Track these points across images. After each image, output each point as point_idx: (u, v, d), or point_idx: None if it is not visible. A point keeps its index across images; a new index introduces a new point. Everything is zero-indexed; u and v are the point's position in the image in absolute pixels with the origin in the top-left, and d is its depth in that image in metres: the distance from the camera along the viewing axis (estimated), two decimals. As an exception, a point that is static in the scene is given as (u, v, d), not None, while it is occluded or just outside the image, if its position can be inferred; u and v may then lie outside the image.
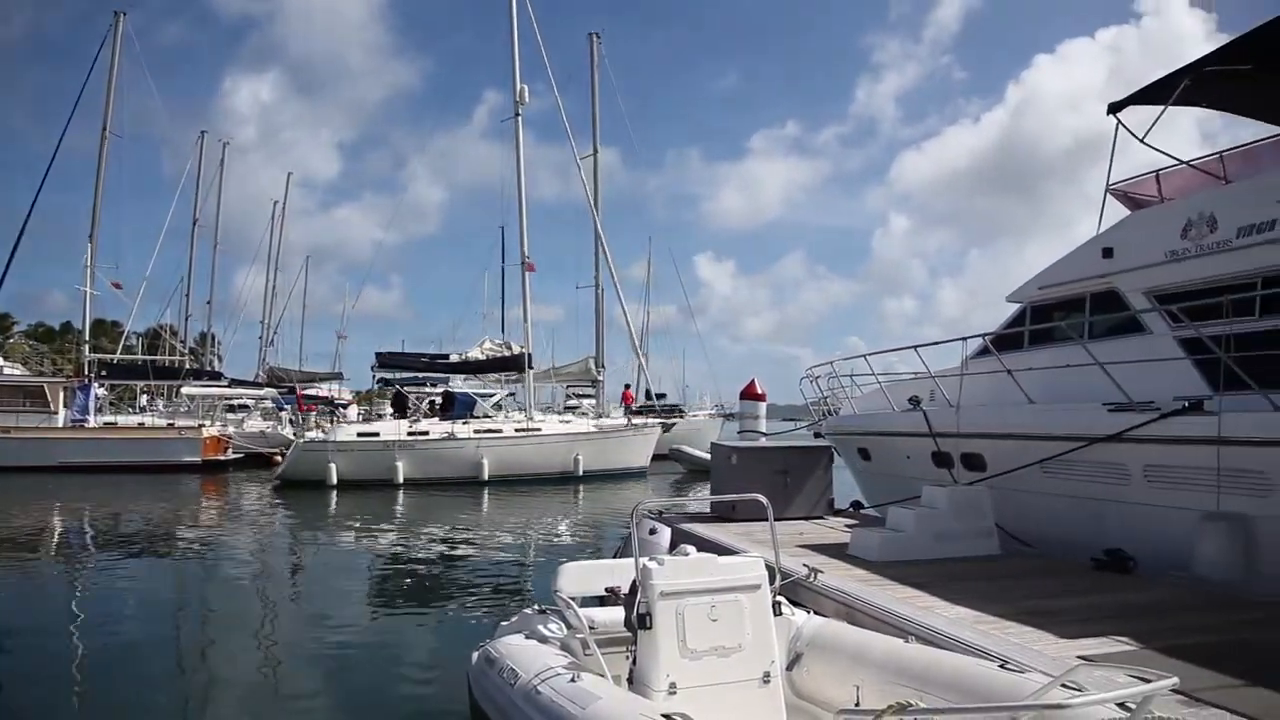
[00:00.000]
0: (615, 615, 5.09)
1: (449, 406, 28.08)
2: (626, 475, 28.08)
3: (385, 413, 29.06)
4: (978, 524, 8.40)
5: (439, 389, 30.06)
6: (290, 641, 9.19)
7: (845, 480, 13.02)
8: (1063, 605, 6.19)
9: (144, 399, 40.56)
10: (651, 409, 44.10)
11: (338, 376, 37.88)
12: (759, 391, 13.65)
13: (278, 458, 28.72)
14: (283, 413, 29.94)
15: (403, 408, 28.25)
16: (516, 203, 29.89)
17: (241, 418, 37.52)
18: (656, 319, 58.01)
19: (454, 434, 26.14)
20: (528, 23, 29.65)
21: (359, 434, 25.94)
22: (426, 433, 26.14)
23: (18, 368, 35.50)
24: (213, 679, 7.93)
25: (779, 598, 4.99)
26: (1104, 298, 9.28)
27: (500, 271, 56.03)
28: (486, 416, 28.35)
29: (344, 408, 30.82)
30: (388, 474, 24.88)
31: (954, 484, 9.36)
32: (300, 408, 29.43)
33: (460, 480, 25.43)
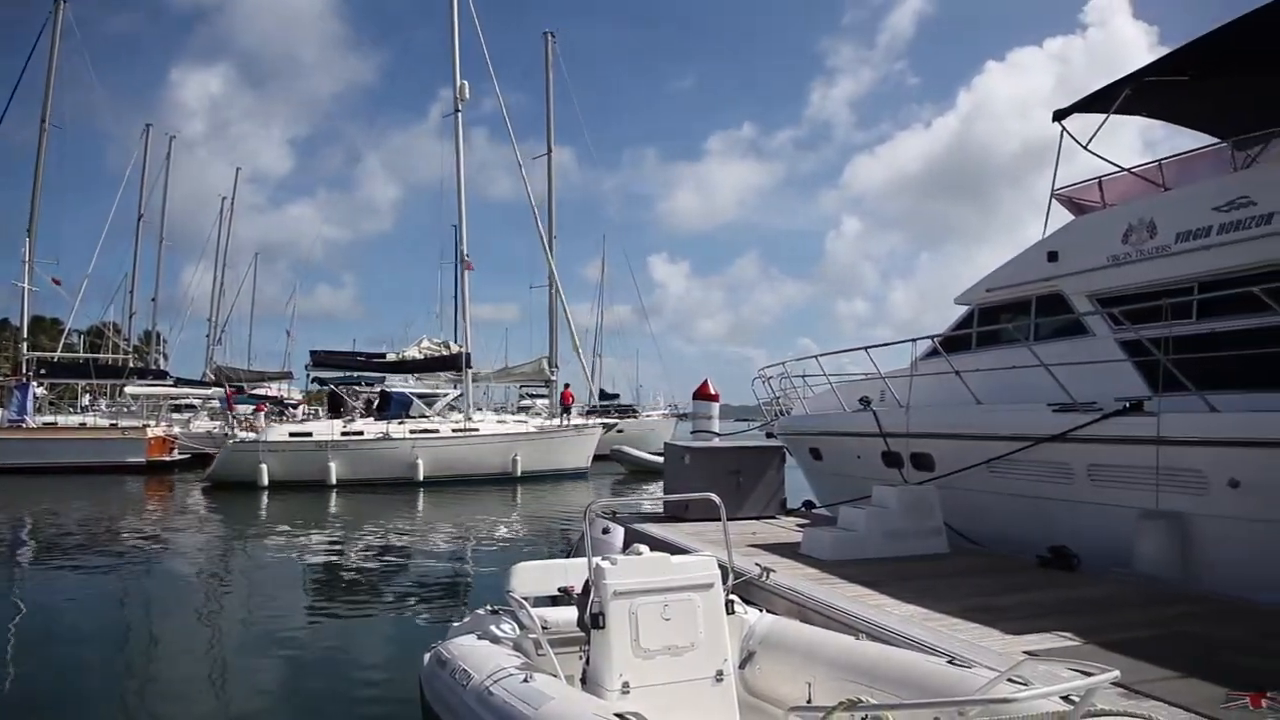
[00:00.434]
0: (568, 615, 5.07)
1: (385, 406, 27.63)
2: (567, 476, 27.83)
3: (356, 411, 28.50)
4: (927, 523, 8.52)
5: (378, 389, 29.59)
6: (234, 648, 8.96)
7: (797, 480, 13.11)
8: (1009, 602, 6.31)
9: (86, 399, 39.52)
10: (605, 409, 44.18)
11: (287, 376, 37.32)
12: (712, 392, 13.70)
13: None
14: (229, 412, 29.29)
15: (338, 407, 27.72)
16: (457, 200, 29.61)
17: (188, 418, 36.70)
18: (611, 319, 58.12)
19: (389, 434, 25.71)
20: (469, 19, 29.30)
21: (291, 434, 25.46)
22: (361, 433, 25.68)
23: (-50, 366, 34.42)
24: (154, 690, 7.60)
25: (732, 596, 5.01)
26: (1049, 300, 9.48)
27: (453, 270, 55.66)
28: (423, 417, 27.93)
29: (293, 407, 30.30)
30: (320, 475, 24.39)
31: (904, 483, 9.49)
32: (230, 407, 28.69)
33: (395, 481, 25.00)
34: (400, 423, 26.46)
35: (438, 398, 33.10)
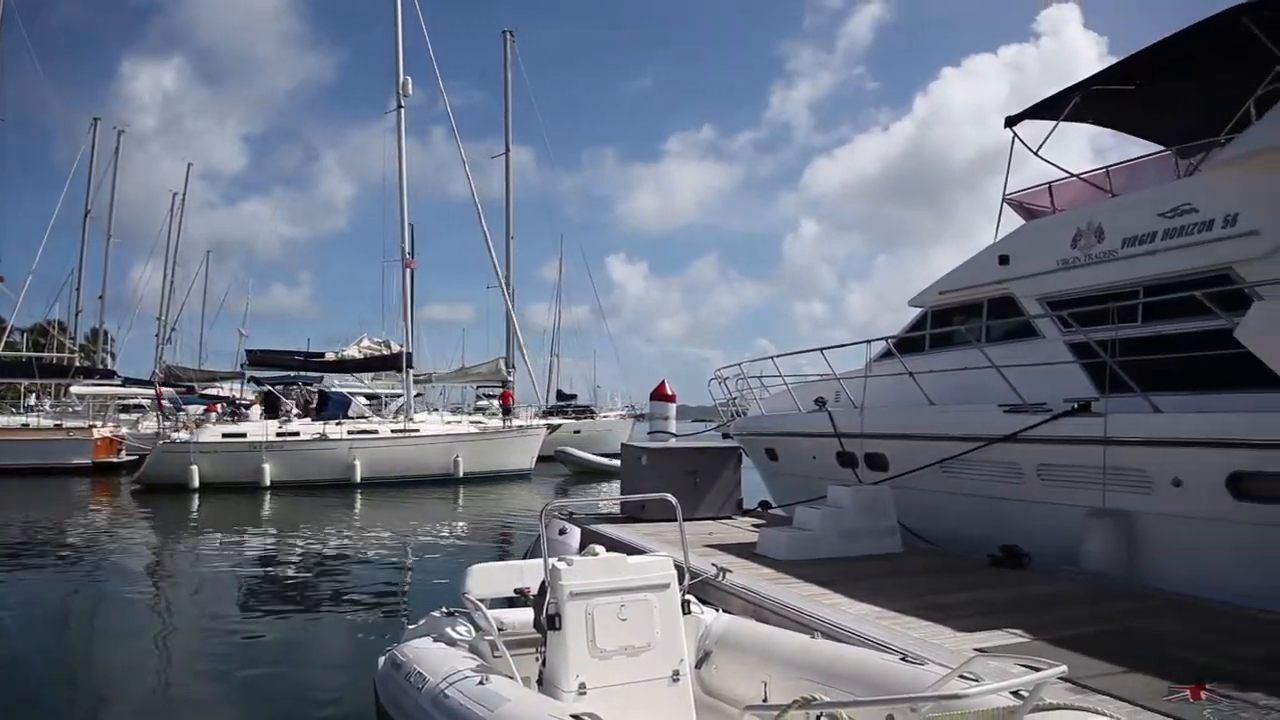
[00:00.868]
0: (524, 616, 5.03)
1: (323, 406, 27.21)
2: (510, 477, 27.58)
3: (291, 411, 28.00)
4: (881, 522, 8.62)
5: (330, 388, 29.11)
6: (183, 654, 8.75)
7: (754, 480, 13.19)
8: (961, 600, 6.41)
9: (30, 399, 38.40)
10: (563, 410, 44.09)
11: (239, 376, 36.53)
12: (669, 393, 13.73)
13: None
14: (181, 413, 28.62)
15: (274, 408, 27.13)
16: (399, 197, 29.19)
17: (136, 418, 35.81)
18: (569, 319, 58.02)
19: (326, 435, 25.28)
20: (414, 15, 28.94)
21: (224, 435, 24.86)
22: (297, 433, 25.21)
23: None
24: (101, 700, 7.39)
25: (688, 596, 5.01)
26: (1000, 303, 9.64)
27: (409, 270, 55.04)
28: (362, 417, 27.53)
29: (245, 407, 29.66)
30: (254, 476, 23.91)
31: (858, 484, 9.58)
32: (159, 406, 28.00)
33: (332, 483, 24.54)
34: (338, 423, 25.97)
35: (393, 398, 32.74)
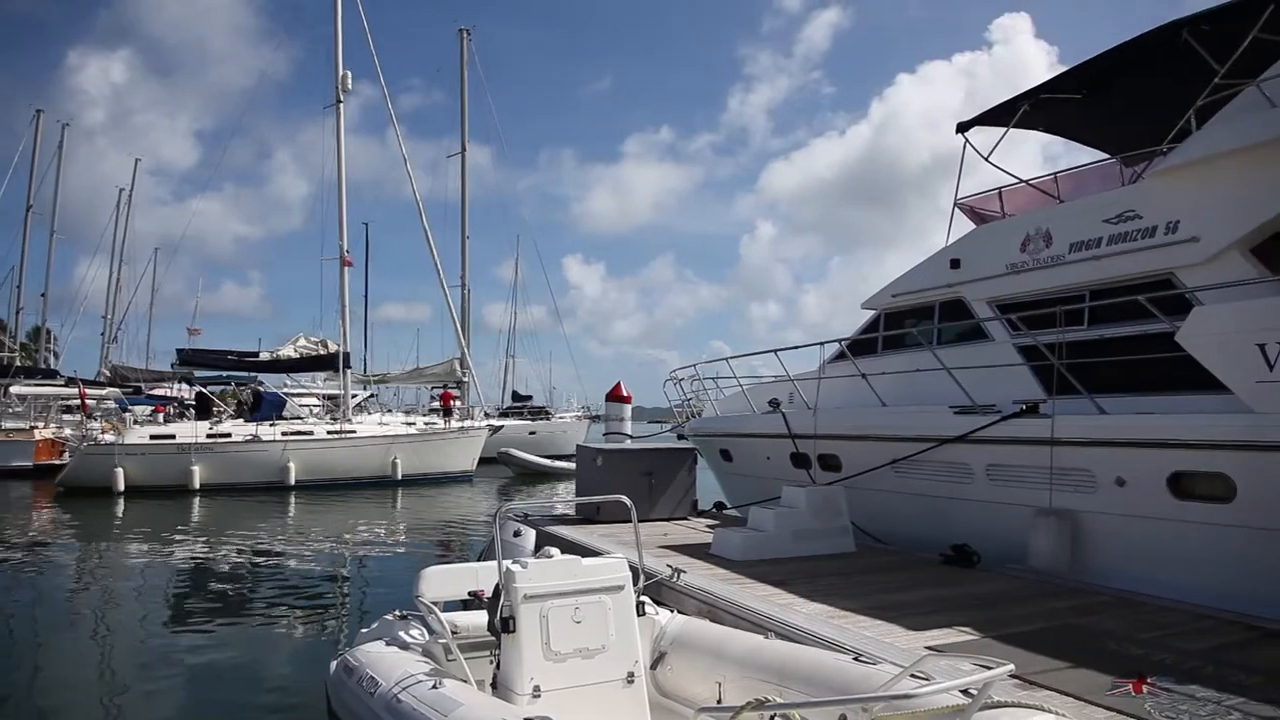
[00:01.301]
0: (479, 619, 5.00)
1: (257, 406, 26.57)
2: (450, 480, 27.22)
3: (223, 412, 27.24)
4: (834, 523, 8.70)
5: (265, 388, 28.38)
6: (117, 669, 8.32)
7: (708, 481, 13.23)
8: (913, 598, 6.49)
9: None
10: (518, 411, 43.85)
11: (188, 376, 35.69)
12: (625, 394, 13.72)
13: None
14: (127, 414, 27.86)
15: (206, 408, 26.47)
16: (338, 194, 28.57)
17: (80, 419, 34.89)
18: (525, 320, 57.76)
19: (258, 436, 24.66)
20: (354, 9, 28.35)
21: (151, 436, 24.13)
22: (228, 435, 24.59)
23: None
24: (42, 712, 7.10)
25: (643, 598, 5.02)
26: (951, 306, 9.79)
27: (363, 269, 54.23)
28: (297, 418, 26.98)
29: (193, 408, 28.97)
30: (183, 479, 23.21)
31: (812, 484, 9.66)
32: (83, 406, 27.21)
33: (264, 485, 23.98)
34: (272, 424, 25.37)
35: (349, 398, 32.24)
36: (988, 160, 10.19)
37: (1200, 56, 7.67)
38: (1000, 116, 9.99)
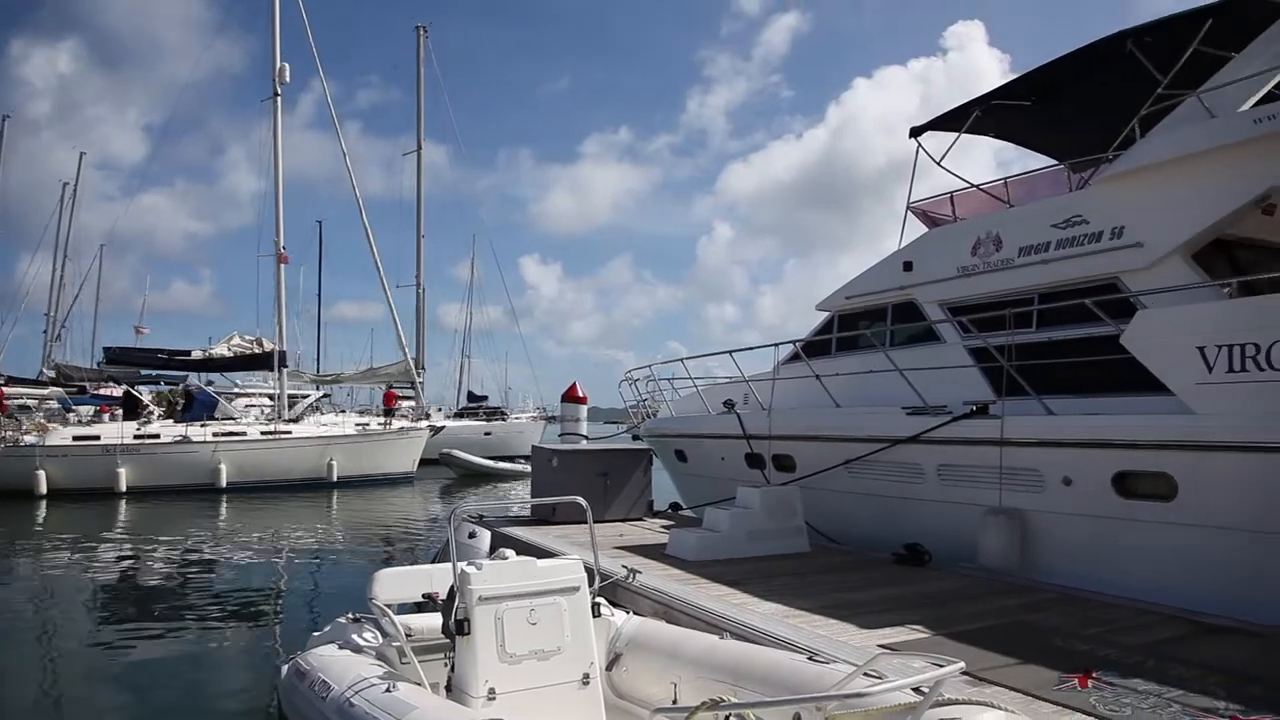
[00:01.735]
0: (433, 622, 4.96)
1: (188, 406, 25.96)
2: (390, 481, 26.77)
3: (152, 413, 26.50)
4: (789, 523, 8.76)
5: (196, 387, 27.75)
6: (62, 675, 8.10)
7: (664, 482, 13.24)
8: (866, 598, 6.56)
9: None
10: (474, 411, 43.55)
11: (134, 375, 34.87)
12: (580, 394, 13.70)
13: None
14: (70, 414, 27.06)
15: (133, 409, 25.74)
16: (274, 189, 27.86)
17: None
18: (481, 320, 57.22)
19: (188, 437, 23.99)
20: (295, 4, 27.75)
21: (75, 438, 23.40)
22: (157, 436, 23.89)
23: None
24: None
25: (598, 599, 5.01)
26: (904, 308, 9.92)
27: (317, 267, 53.43)
28: (230, 418, 26.35)
29: (143, 408, 28.25)
30: (108, 482, 22.48)
31: (767, 484, 9.72)
32: (2, 408, 26.31)
33: (194, 488, 23.29)
34: (203, 425, 24.71)
35: (296, 399, 31.69)
36: (939, 165, 10.35)
37: (1144, 67, 7.87)
38: (952, 122, 10.15)
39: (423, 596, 5.37)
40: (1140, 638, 5.37)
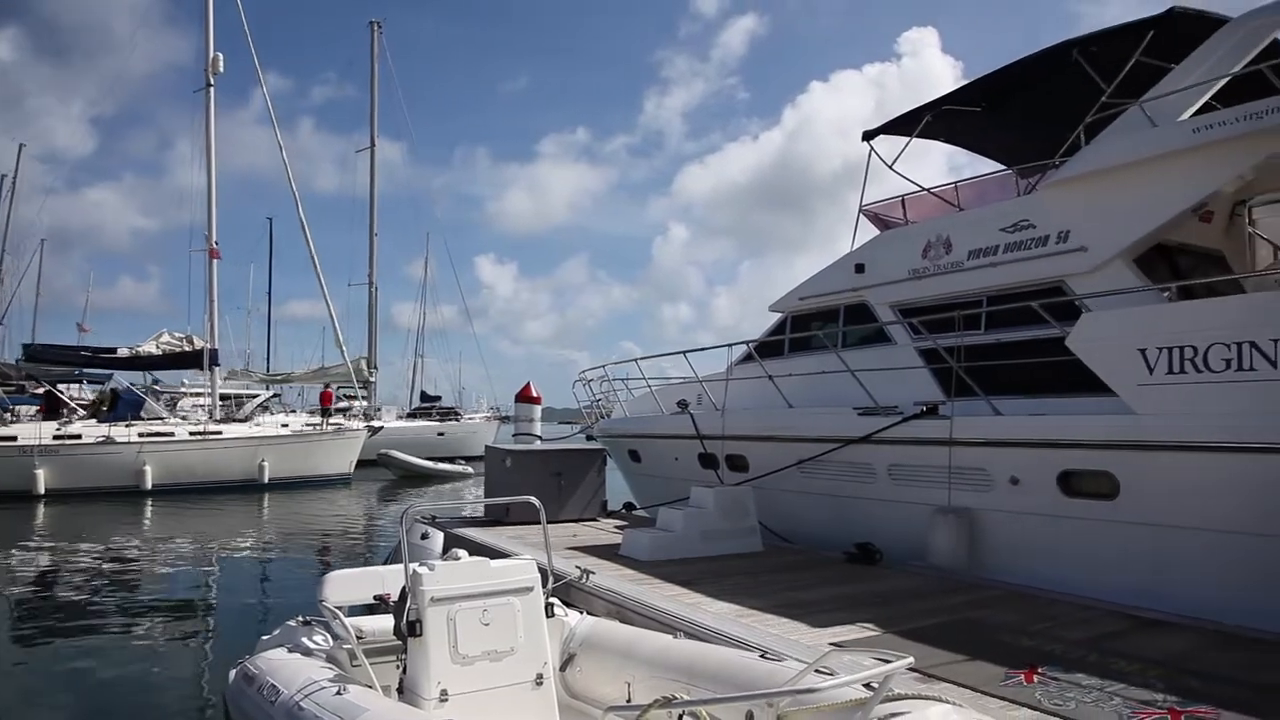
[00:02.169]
0: (385, 624, 4.90)
1: (113, 406, 25.18)
2: (326, 482, 26.19)
3: (74, 413, 25.62)
4: (742, 522, 8.81)
5: (122, 386, 27.02)
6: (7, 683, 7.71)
7: (618, 482, 13.23)
8: (818, 596, 6.63)
9: None
10: (427, 411, 43.14)
11: (75, 375, 33.83)
12: (535, 394, 13.65)
13: None
14: (6, 413, 26.14)
15: (55, 408, 24.95)
16: (206, 183, 27.09)
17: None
18: (434, 320, 56.68)
19: (111, 438, 23.18)
20: None
21: None
22: (78, 436, 23.07)
23: None
24: None
25: (552, 599, 4.99)
26: (856, 310, 10.02)
27: (267, 265, 52.50)
28: (157, 418, 25.47)
29: (84, 406, 27.44)
30: (26, 484, 21.64)
31: (720, 484, 9.77)
32: None
33: (118, 490, 22.56)
34: (128, 425, 23.89)
35: (245, 399, 31.11)
36: (891, 168, 10.48)
37: (1089, 76, 8.05)
38: (904, 126, 10.28)
39: (374, 598, 5.30)
40: (1083, 633, 5.50)
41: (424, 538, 7.52)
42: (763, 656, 4.40)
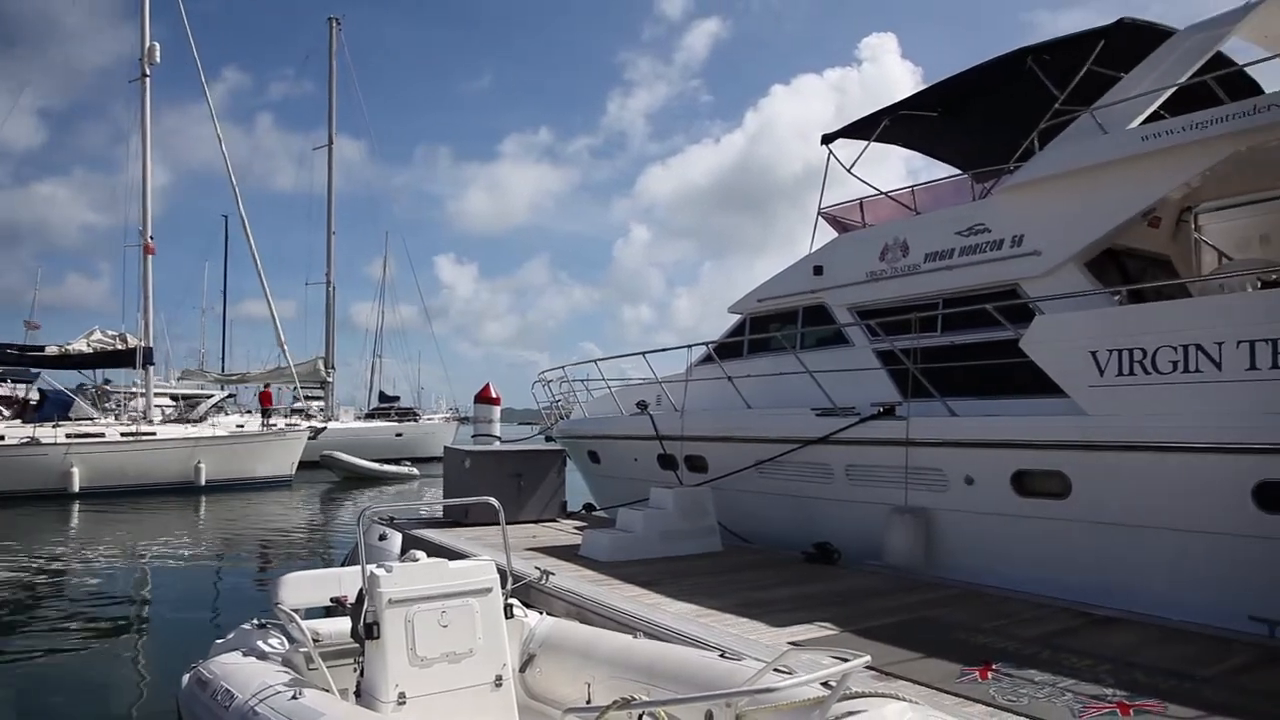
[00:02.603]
0: (342, 626, 4.83)
1: (40, 405, 24.52)
2: (266, 485, 25.53)
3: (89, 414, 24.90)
4: (701, 523, 8.84)
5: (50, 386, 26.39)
6: None
7: (578, 483, 13.20)
8: (777, 596, 6.66)
9: None
10: (385, 412, 42.70)
11: (24, 375, 32.78)
12: (494, 395, 13.57)
13: None
14: None
15: None
16: (141, 176, 26.33)
17: None
18: (393, 320, 56.23)
19: (37, 439, 22.38)
20: None
21: None
22: (1, 437, 22.35)
23: None
24: None
25: (511, 600, 4.97)
26: (814, 311, 10.11)
27: (223, 264, 51.63)
28: (87, 418, 24.81)
29: (35, 408, 26.62)
30: None
31: (679, 485, 9.79)
32: None
33: (43, 493, 21.74)
34: (55, 425, 23.12)
35: (200, 400, 30.54)
36: (850, 172, 10.59)
37: (1043, 83, 8.20)
38: (863, 130, 10.39)
39: (331, 600, 5.24)
40: (1036, 629, 5.59)
41: (382, 539, 7.42)
42: (722, 656, 4.41)
